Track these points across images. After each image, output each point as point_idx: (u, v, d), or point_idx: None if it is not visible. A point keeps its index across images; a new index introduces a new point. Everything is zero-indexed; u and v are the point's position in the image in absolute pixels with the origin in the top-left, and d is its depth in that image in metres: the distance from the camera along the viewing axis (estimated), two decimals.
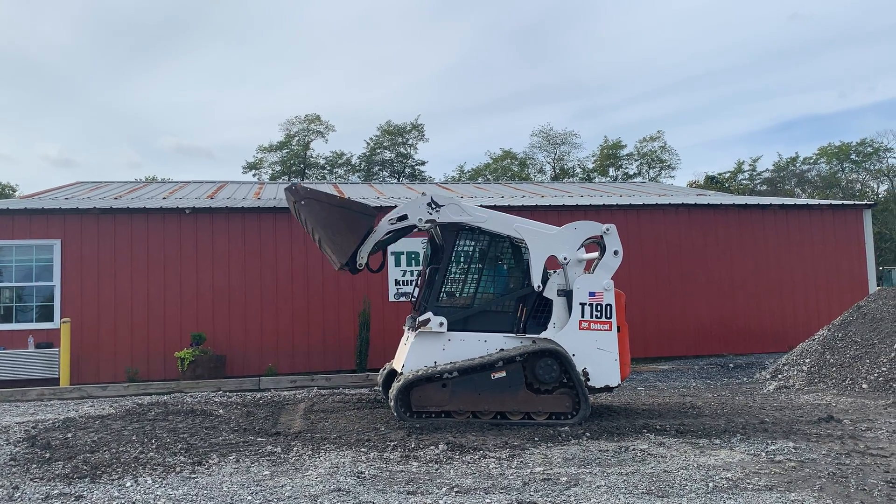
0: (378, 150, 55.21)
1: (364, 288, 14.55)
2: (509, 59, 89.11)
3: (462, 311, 8.93)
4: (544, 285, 9.01)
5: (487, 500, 5.51)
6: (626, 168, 55.29)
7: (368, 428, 8.47)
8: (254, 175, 53.17)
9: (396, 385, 8.63)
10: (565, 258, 9.03)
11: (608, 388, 8.98)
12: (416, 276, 14.02)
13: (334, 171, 54.91)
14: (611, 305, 8.96)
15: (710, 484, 5.84)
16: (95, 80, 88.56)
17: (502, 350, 8.74)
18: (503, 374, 8.59)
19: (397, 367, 9.18)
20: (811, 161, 53.79)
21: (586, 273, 9.20)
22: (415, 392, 8.58)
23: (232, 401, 11.05)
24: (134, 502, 5.61)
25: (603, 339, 8.88)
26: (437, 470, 6.48)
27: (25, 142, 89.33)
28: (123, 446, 7.53)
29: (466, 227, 9.13)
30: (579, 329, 8.83)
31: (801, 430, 8.00)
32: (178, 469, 6.59)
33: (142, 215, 14.31)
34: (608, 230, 9.25)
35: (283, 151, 54.24)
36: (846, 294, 16.38)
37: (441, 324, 8.74)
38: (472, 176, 55.29)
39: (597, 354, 8.82)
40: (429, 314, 8.80)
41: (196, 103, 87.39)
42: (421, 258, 14.48)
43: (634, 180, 51.03)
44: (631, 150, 55.16)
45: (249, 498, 5.66)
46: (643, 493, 5.66)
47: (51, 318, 13.79)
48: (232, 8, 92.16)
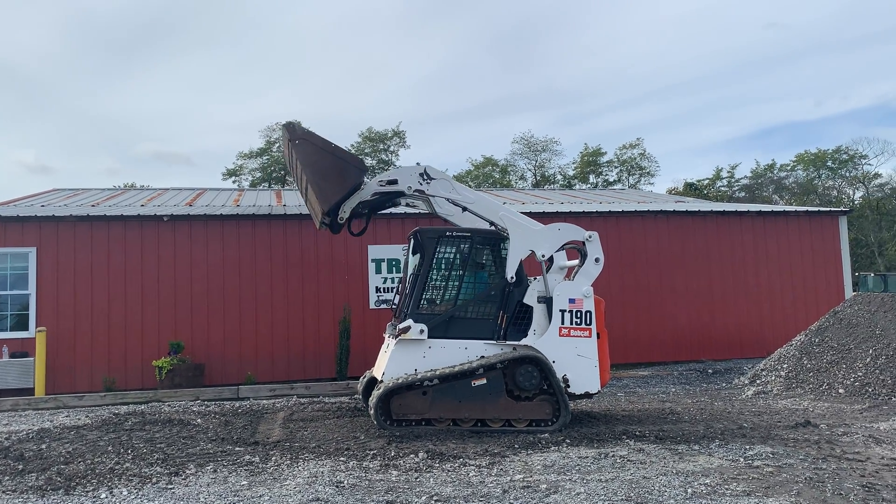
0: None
1: (345, 295, 14.51)
2: (490, 66, 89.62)
3: (442, 319, 8.92)
4: (518, 280, 9.00)
5: None
6: (607, 175, 55.68)
7: (348, 437, 8.43)
8: (234, 182, 52.77)
9: (377, 393, 8.60)
10: (543, 255, 9.07)
11: (588, 395, 9.01)
12: (397, 283, 13.99)
13: None
14: (591, 312, 9.00)
15: (689, 490, 5.87)
16: (73, 85, 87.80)
17: (483, 357, 8.74)
18: (484, 381, 8.59)
19: (378, 374, 9.15)
20: (788, 168, 54.74)
21: (566, 280, 9.24)
22: (395, 400, 8.55)
23: (210, 410, 10.95)
24: None
25: (583, 346, 8.91)
26: (416, 478, 6.45)
27: (1, 148, 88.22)
28: (99, 457, 7.43)
29: (447, 234, 9.15)
30: (559, 336, 8.86)
31: (779, 436, 8.07)
32: (154, 480, 6.51)
33: (119, 223, 14.14)
34: (591, 237, 9.30)
35: (264, 158, 53.89)
36: (823, 300, 16.64)
37: (421, 331, 8.72)
38: None
39: (577, 361, 8.85)
40: (409, 321, 8.78)
41: (175, 109, 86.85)
42: (402, 265, 14.44)
43: (614, 187, 51.42)
44: (611, 157, 55.64)
45: None
46: (622, 499, 5.67)
47: (26, 327, 13.56)
48: (212, 14, 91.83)
